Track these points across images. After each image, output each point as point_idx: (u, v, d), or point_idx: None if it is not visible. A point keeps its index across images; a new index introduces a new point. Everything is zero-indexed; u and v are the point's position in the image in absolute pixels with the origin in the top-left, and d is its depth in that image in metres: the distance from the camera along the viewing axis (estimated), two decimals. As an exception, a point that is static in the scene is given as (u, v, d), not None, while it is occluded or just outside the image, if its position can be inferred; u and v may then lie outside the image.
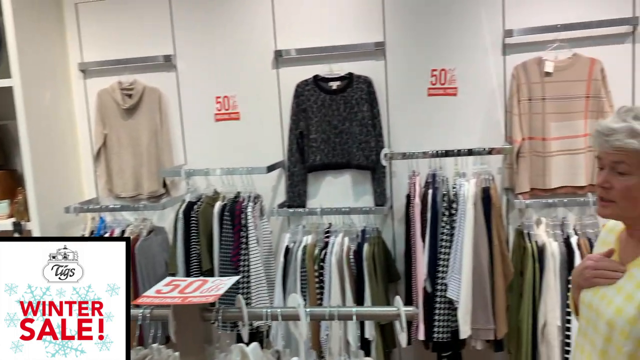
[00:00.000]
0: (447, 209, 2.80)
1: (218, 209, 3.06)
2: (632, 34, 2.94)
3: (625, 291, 1.41)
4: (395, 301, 1.35)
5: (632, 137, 1.36)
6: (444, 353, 2.88)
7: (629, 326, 1.37)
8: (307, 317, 1.33)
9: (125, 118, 3.55)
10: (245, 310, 1.35)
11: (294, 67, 3.32)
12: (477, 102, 3.16)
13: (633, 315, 1.36)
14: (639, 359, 1.37)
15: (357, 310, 1.34)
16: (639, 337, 1.36)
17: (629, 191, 1.40)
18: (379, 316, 1.59)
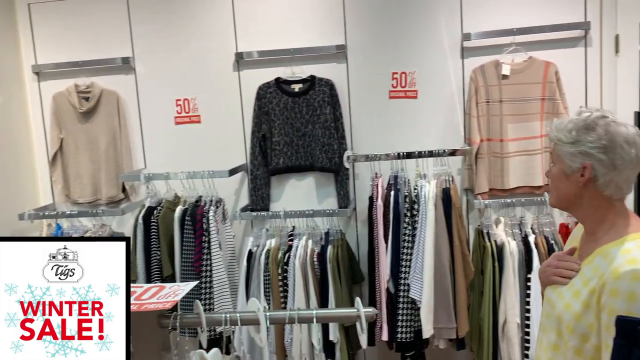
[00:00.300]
0: (409, 210, 2.83)
1: (179, 213, 3.01)
2: (584, 38, 3.04)
3: (574, 288, 1.45)
4: (356, 302, 1.35)
5: (557, 130, 1.48)
6: (407, 353, 2.90)
7: (574, 321, 1.41)
8: (267, 321, 1.32)
9: (83, 122, 3.46)
10: (204, 316, 1.32)
11: (256, 70, 3.31)
12: (437, 104, 3.20)
13: (578, 311, 1.40)
14: (583, 354, 1.40)
15: (317, 312, 1.33)
16: (583, 333, 1.39)
17: (553, 180, 1.53)
18: (339, 318, 1.61)
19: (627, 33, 3.02)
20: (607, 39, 3.02)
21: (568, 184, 1.49)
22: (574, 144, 1.44)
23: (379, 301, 2.87)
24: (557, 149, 1.48)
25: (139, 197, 3.50)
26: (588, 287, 1.40)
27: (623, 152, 1.40)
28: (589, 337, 1.38)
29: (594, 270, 1.41)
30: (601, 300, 1.34)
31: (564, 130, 1.46)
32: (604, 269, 1.37)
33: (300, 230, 3.12)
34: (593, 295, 1.37)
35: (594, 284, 1.38)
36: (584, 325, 1.39)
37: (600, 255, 1.42)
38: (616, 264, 1.35)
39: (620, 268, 1.33)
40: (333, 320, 2.34)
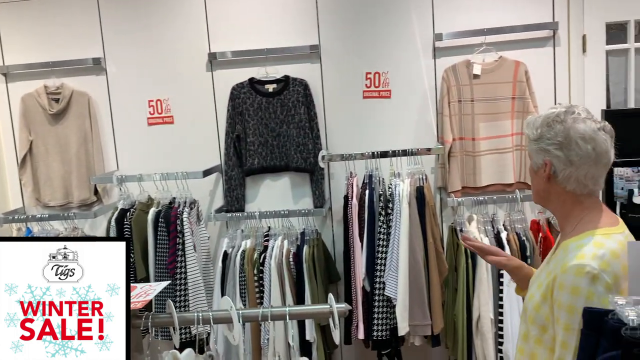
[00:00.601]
0: (384, 209, 2.85)
1: (152, 215, 2.97)
2: (553, 38, 3.10)
3: (539, 280, 1.49)
4: (329, 299, 1.36)
5: (526, 127, 1.53)
6: (383, 351, 2.92)
7: (534, 312, 1.45)
8: (240, 319, 1.31)
9: (53, 123, 3.40)
10: (176, 316, 1.31)
11: (229, 70, 3.29)
12: (410, 104, 3.23)
13: (538, 302, 1.44)
14: (543, 344, 1.44)
15: (290, 309, 1.33)
16: (542, 324, 1.43)
17: (529, 176, 1.58)
18: (312, 315, 1.61)
19: (594, 33, 3.09)
20: (575, 38, 3.09)
21: (537, 180, 1.54)
22: (537, 141, 1.49)
23: (355, 300, 2.88)
24: (527, 146, 1.54)
25: (112, 200, 3.45)
26: (548, 279, 1.43)
27: (578, 149, 1.42)
28: (547, 328, 1.42)
29: (555, 264, 1.44)
30: (553, 293, 1.38)
31: (532, 127, 1.50)
32: (561, 262, 1.40)
33: (276, 230, 3.11)
34: (549, 288, 1.41)
35: (552, 277, 1.41)
36: (542, 316, 1.42)
37: (563, 249, 1.45)
38: (567, 258, 1.38)
39: (568, 263, 1.36)
40: (306, 317, 2.34)
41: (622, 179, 2.69)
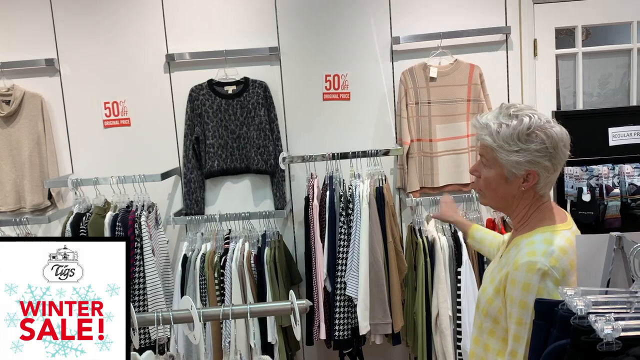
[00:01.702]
0: (344, 210, 2.87)
1: (109, 219, 2.91)
2: (506, 42, 3.20)
3: (492, 274, 1.55)
4: (290, 295, 1.37)
5: (488, 134, 1.46)
6: (345, 350, 2.94)
7: (487, 305, 1.50)
8: (201, 318, 1.30)
9: (3, 126, 3.30)
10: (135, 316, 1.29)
11: (187, 71, 3.26)
12: (369, 106, 3.28)
13: (490, 296, 1.49)
14: (496, 335, 1.50)
15: (251, 307, 1.33)
16: (494, 316, 1.48)
17: (489, 183, 1.51)
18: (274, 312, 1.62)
19: (544, 37, 3.21)
20: (526, 43, 3.20)
21: (508, 187, 1.49)
22: (520, 153, 1.42)
23: (317, 300, 2.90)
24: (498, 156, 1.45)
25: (67, 205, 3.37)
26: (500, 274, 1.48)
27: (562, 155, 1.46)
28: (499, 321, 1.48)
29: (507, 260, 1.49)
30: (505, 289, 1.43)
31: (507, 138, 1.43)
32: (513, 259, 1.44)
33: (237, 233, 3.10)
34: (501, 282, 1.45)
35: (504, 272, 1.46)
36: (494, 309, 1.48)
37: (515, 245, 1.50)
38: (519, 255, 1.43)
39: (520, 259, 1.41)
40: (267, 314, 2.34)
41: (572, 177, 2.80)
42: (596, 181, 2.76)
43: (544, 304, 1.36)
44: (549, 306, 1.34)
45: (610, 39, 3.53)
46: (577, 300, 1.28)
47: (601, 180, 2.75)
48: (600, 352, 1.14)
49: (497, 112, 1.50)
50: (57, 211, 3.29)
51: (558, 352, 1.26)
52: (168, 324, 1.30)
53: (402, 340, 3.00)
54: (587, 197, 2.74)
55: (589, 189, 2.74)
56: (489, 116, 1.50)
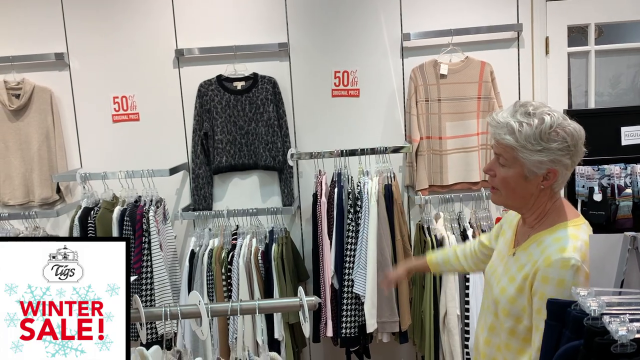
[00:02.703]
0: (352, 207, 2.86)
1: (117, 214, 2.91)
2: (517, 39, 3.17)
3: (510, 273, 1.53)
4: (299, 292, 1.36)
5: (509, 133, 1.43)
6: (352, 348, 2.93)
7: (509, 305, 1.49)
8: (209, 313, 1.30)
9: (13, 120, 3.30)
10: (143, 310, 1.29)
11: (196, 67, 3.25)
12: (378, 103, 3.26)
13: (512, 295, 1.48)
14: (516, 335, 1.49)
15: (260, 303, 1.32)
16: (516, 316, 1.47)
17: (507, 182, 1.49)
18: (282, 308, 1.61)
19: (556, 35, 3.18)
20: (538, 40, 3.17)
21: (527, 186, 1.48)
22: (543, 152, 1.41)
23: (324, 298, 2.88)
24: (520, 155, 1.43)
25: (75, 199, 3.37)
26: (522, 272, 1.47)
27: (581, 152, 1.46)
28: (522, 319, 1.47)
29: (528, 257, 1.48)
30: (533, 286, 1.42)
31: (529, 138, 1.41)
32: (537, 256, 1.44)
33: (244, 229, 3.09)
34: (526, 280, 1.44)
35: (527, 270, 1.45)
36: (517, 308, 1.47)
37: (535, 242, 1.49)
38: (548, 252, 1.42)
39: (552, 256, 1.39)
40: (276, 311, 2.33)
41: (584, 177, 2.77)
42: (608, 181, 2.73)
43: (556, 304, 1.35)
44: (562, 306, 1.32)
45: (623, 37, 3.49)
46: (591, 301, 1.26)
47: (613, 180, 2.72)
48: (615, 354, 1.12)
49: (512, 110, 1.47)
50: (65, 205, 3.30)
51: (571, 353, 1.24)
52: (176, 319, 1.30)
53: (409, 339, 2.98)
54: (599, 197, 2.71)
55: (601, 189, 2.71)
56: (505, 114, 1.48)
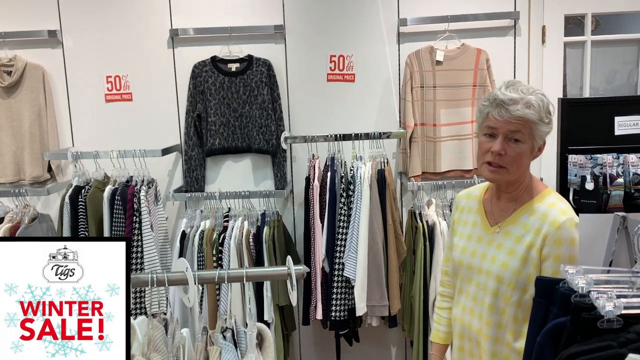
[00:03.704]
0: (345, 191, 2.85)
1: (108, 193, 2.89)
2: (514, 27, 3.16)
3: (506, 247, 1.56)
4: (287, 261, 1.36)
5: (529, 107, 1.50)
6: (341, 331, 2.93)
7: (515, 277, 1.53)
8: (196, 280, 1.29)
9: (4, 97, 3.27)
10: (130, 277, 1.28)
11: (191, 47, 3.23)
12: (373, 88, 3.25)
13: (517, 267, 1.53)
14: (522, 306, 1.53)
15: (247, 271, 1.32)
16: (523, 286, 1.52)
17: (520, 157, 1.56)
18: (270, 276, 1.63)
19: (553, 24, 3.17)
20: (535, 29, 3.16)
21: (529, 161, 1.60)
22: (548, 124, 1.56)
23: (314, 281, 2.89)
24: (538, 128, 1.53)
25: (66, 178, 3.35)
26: (523, 243, 1.53)
27: None
28: (528, 289, 1.52)
29: (524, 227, 1.54)
30: (543, 251, 1.50)
31: (543, 111, 1.53)
32: (539, 224, 1.51)
33: (236, 211, 3.08)
34: (531, 249, 1.51)
35: (529, 239, 1.52)
36: (523, 278, 1.52)
37: (526, 212, 1.56)
38: (552, 217, 1.50)
39: (559, 219, 1.49)
40: (264, 279, 2.34)
41: (576, 166, 2.77)
42: (600, 170, 2.73)
43: (544, 282, 1.35)
44: (550, 284, 1.33)
45: (619, 30, 3.48)
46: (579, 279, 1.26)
47: (605, 169, 2.72)
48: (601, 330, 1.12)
49: (513, 88, 1.53)
50: (56, 184, 3.28)
51: (557, 329, 1.24)
52: (163, 286, 1.29)
53: (398, 324, 2.99)
54: (591, 186, 2.72)
55: (593, 178, 2.72)
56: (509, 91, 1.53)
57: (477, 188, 1.78)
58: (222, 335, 1.27)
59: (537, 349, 1.27)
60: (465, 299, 1.67)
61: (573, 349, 1.13)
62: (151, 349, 1.22)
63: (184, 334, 1.25)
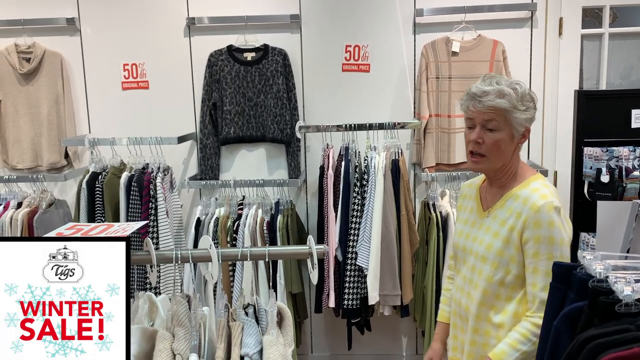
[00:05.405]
0: (359, 180, 2.87)
1: (125, 179, 2.93)
2: (531, 19, 3.15)
3: (492, 230, 1.65)
4: (308, 240, 1.38)
5: (501, 97, 1.57)
6: (353, 319, 2.95)
7: (498, 257, 1.61)
8: (219, 258, 1.32)
9: (23, 84, 3.31)
10: (154, 253, 1.31)
11: (207, 36, 3.25)
12: (388, 79, 3.25)
13: (500, 248, 1.61)
14: (505, 284, 1.61)
15: (269, 249, 1.34)
16: (505, 267, 1.61)
17: (498, 145, 1.62)
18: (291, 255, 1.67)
19: (570, 17, 3.15)
20: (552, 21, 3.14)
21: (510, 147, 1.64)
22: (527, 111, 1.61)
23: (327, 269, 2.91)
24: (512, 116, 1.58)
25: (83, 165, 3.39)
26: (506, 226, 1.61)
27: None
28: (510, 269, 1.60)
29: (508, 212, 1.62)
30: (524, 234, 1.56)
31: (520, 99, 1.58)
32: (520, 208, 1.59)
33: (250, 199, 3.10)
34: (512, 232, 1.59)
35: (511, 222, 1.60)
36: (505, 259, 1.60)
37: (511, 197, 1.64)
38: (532, 201, 1.57)
39: (537, 203, 1.56)
40: (285, 257, 2.38)
41: (591, 158, 2.77)
42: (616, 162, 2.73)
43: (562, 267, 1.36)
44: (567, 269, 1.33)
45: (637, 23, 3.45)
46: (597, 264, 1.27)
47: (621, 162, 2.72)
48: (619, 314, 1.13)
49: (489, 81, 1.63)
50: (73, 170, 3.32)
51: (574, 313, 1.25)
52: (187, 262, 1.32)
53: (410, 314, 3.00)
54: (606, 178, 2.71)
55: (608, 170, 2.71)
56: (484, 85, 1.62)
57: (479, 177, 1.85)
58: (245, 312, 1.29)
59: (554, 332, 1.28)
60: (460, 279, 1.77)
61: (590, 332, 1.14)
62: (175, 323, 1.23)
63: (205, 311, 1.27)
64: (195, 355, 1.18)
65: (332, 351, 3.45)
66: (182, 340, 1.19)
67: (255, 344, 1.18)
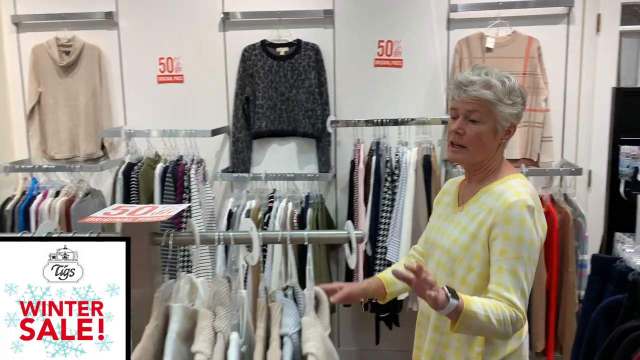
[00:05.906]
0: (390, 175, 2.87)
1: (160, 170, 2.99)
2: (567, 15, 3.10)
3: (462, 225, 1.59)
4: (346, 225, 1.40)
5: (486, 88, 1.52)
6: (382, 314, 2.96)
7: (462, 253, 1.55)
8: (260, 240, 1.35)
9: (62, 76, 3.40)
10: (197, 234, 1.34)
11: (241, 31, 3.28)
12: (421, 74, 3.24)
13: (466, 242, 1.54)
14: (467, 283, 1.53)
15: (308, 234, 1.37)
16: (469, 264, 1.53)
17: (479, 138, 1.55)
18: (331, 239, 1.72)
19: (609, 13, 3.09)
20: (589, 17, 3.09)
21: (494, 141, 1.58)
22: (513, 106, 1.54)
23: (356, 264, 2.92)
24: (497, 109, 1.52)
25: (118, 156, 3.46)
26: (476, 220, 1.55)
27: None
28: (474, 267, 1.53)
29: (480, 206, 1.56)
30: (493, 230, 1.49)
31: (506, 93, 1.52)
32: (492, 203, 1.53)
33: (281, 193, 3.14)
34: (481, 227, 1.52)
35: (482, 217, 1.53)
36: (470, 255, 1.53)
37: (486, 193, 1.58)
38: (505, 196, 1.51)
39: (510, 199, 1.50)
40: (325, 241, 2.40)
41: (629, 156, 2.72)
42: (654, 161, 2.67)
43: (600, 260, 1.35)
44: (606, 262, 1.32)
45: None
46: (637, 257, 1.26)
47: (659, 161, 2.66)
48: (660, 306, 1.12)
49: (477, 72, 1.56)
50: (108, 161, 3.40)
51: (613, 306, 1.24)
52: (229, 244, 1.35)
53: (439, 310, 2.99)
54: (643, 177, 2.66)
55: (646, 169, 2.66)
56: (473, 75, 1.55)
57: (463, 175, 1.79)
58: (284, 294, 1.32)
59: (591, 326, 1.27)
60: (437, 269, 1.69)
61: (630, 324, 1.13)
62: (216, 302, 1.27)
63: (243, 294, 1.30)
64: (236, 334, 1.20)
65: (359, 346, 3.45)
66: (223, 319, 1.22)
67: (294, 325, 1.20)
